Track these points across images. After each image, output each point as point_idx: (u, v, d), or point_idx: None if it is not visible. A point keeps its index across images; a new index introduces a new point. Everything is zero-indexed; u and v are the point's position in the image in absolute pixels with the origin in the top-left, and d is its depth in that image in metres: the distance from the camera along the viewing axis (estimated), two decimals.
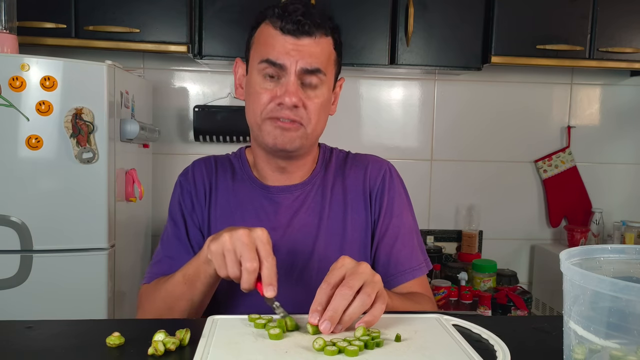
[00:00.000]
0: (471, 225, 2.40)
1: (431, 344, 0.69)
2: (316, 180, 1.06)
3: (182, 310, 0.90)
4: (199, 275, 0.86)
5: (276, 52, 0.93)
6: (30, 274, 1.57)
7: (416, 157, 2.43)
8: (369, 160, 1.09)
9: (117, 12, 1.91)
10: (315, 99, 0.96)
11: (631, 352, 0.53)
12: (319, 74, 0.95)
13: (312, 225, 1.02)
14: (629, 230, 2.34)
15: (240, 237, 0.77)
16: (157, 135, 2.06)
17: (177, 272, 0.91)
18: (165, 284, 0.93)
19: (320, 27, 0.95)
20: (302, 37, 0.93)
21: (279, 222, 1.02)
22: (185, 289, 0.89)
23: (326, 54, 0.97)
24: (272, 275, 0.76)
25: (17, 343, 0.71)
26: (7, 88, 1.52)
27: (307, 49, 0.93)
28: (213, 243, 0.79)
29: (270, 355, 0.64)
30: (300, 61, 0.93)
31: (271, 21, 0.95)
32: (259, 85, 0.96)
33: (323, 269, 0.98)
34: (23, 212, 1.57)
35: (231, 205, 1.04)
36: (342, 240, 1.02)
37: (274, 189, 1.04)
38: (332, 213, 1.03)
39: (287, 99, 0.93)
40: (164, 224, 1.10)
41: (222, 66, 2.28)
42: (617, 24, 2.08)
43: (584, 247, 0.63)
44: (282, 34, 0.93)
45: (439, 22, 2.05)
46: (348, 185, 1.06)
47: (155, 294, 0.95)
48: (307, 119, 0.96)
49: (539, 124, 2.47)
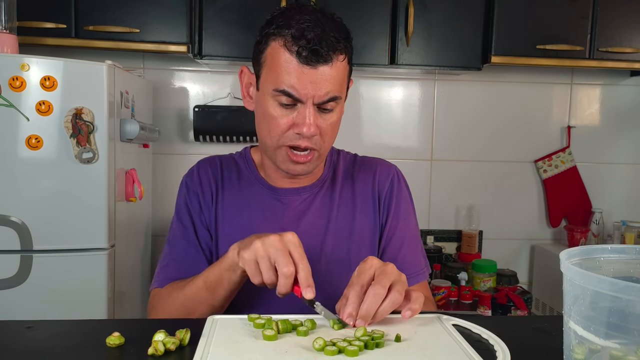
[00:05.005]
0: (471, 225, 2.40)
1: (431, 344, 0.69)
2: (324, 182, 1.07)
3: (203, 314, 0.90)
4: (222, 282, 0.86)
5: (292, 83, 0.89)
6: (30, 274, 1.57)
7: (416, 157, 2.43)
8: (378, 164, 1.11)
9: (117, 12, 1.91)
10: (330, 119, 0.95)
11: (631, 352, 0.53)
12: (336, 99, 0.93)
13: (320, 227, 1.03)
14: (629, 230, 2.34)
15: (272, 242, 0.77)
16: (157, 135, 2.06)
17: (197, 278, 0.90)
18: (185, 290, 0.92)
19: (337, 49, 0.90)
20: (319, 66, 0.89)
21: (286, 223, 1.02)
22: (207, 295, 0.89)
23: (342, 76, 0.94)
24: (309, 277, 0.76)
25: (17, 343, 0.71)
26: (7, 88, 1.52)
27: (325, 79, 0.90)
28: (245, 251, 0.78)
29: (270, 355, 0.64)
30: (317, 93, 0.90)
31: (285, 43, 0.89)
32: (273, 110, 0.93)
33: (331, 270, 1.00)
34: (23, 212, 1.57)
35: (237, 205, 1.03)
36: (350, 242, 1.03)
37: (282, 191, 1.04)
38: (341, 215, 1.04)
39: (306, 130, 0.91)
40: (164, 223, 1.10)
41: (222, 66, 2.28)
42: (617, 24, 2.08)
43: (584, 247, 0.63)
44: (297, 63, 0.88)
45: (439, 22, 2.05)
46: (357, 188, 1.07)
47: (171, 298, 0.95)
48: (321, 143, 0.96)
49: (539, 124, 2.47)
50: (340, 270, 1.00)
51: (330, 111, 0.94)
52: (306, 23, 0.88)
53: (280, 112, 0.93)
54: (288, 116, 0.93)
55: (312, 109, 0.91)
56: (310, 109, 0.91)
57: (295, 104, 0.92)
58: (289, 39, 0.89)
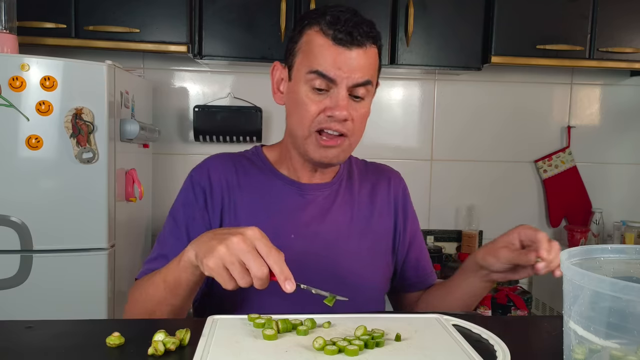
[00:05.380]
0: (471, 225, 2.40)
1: (431, 344, 0.69)
2: (342, 180, 1.08)
3: (164, 314, 0.88)
4: (180, 283, 0.83)
5: (327, 64, 0.91)
6: (30, 274, 1.57)
7: (416, 157, 2.43)
8: (389, 171, 1.15)
9: (117, 12, 1.91)
10: (361, 109, 0.96)
11: (631, 352, 0.53)
12: (368, 85, 0.95)
13: (343, 223, 1.04)
14: (629, 230, 2.34)
15: (237, 245, 0.72)
16: (157, 135, 2.06)
17: (157, 276, 0.88)
18: (146, 287, 0.90)
19: (369, 37, 0.93)
20: (353, 48, 0.91)
21: (310, 219, 1.02)
22: (166, 295, 0.86)
23: (373, 64, 0.96)
24: (284, 269, 0.73)
25: (17, 343, 0.71)
26: (7, 88, 1.52)
27: (358, 62, 0.92)
28: (209, 259, 0.73)
29: (270, 355, 0.64)
30: (352, 76, 0.92)
31: (321, 28, 0.92)
32: (306, 95, 0.94)
33: (353, 267, 1.02)
34: (23, 212, 1.57)
35: (256, 202, 1.02)
36: (368, 240, 1.05)
37: (305, 186, 1.04)
38: (361, 213, 1.06)
39: (338, 113, 0.92)
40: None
41: (222, 66, 2.28)
42: (617, 24, 2.08)
43: (584, 247, 0.63)
44: (333, 44, 0.91)
45: (439, 22, 2.05)
46: (373, 190, 1.10)
47: (136, 295, 0.93)
48: (352, 130, 0.96)
49: (539, 124, 2.47)
50: (359, 267, 1.02)
51: (361, 100, 0.96)
52: (341, 10, 0.93)
53: (313, 97, 0.94)
54: (320, 101, 0.94)
55: (344, 93, 0.93)
56: (343, 91, 0.92)
57: (328, 90, 0.93)
58: (324, 25, 0.92)
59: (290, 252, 0.96)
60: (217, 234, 0.76)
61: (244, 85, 2.30)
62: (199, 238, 0.79)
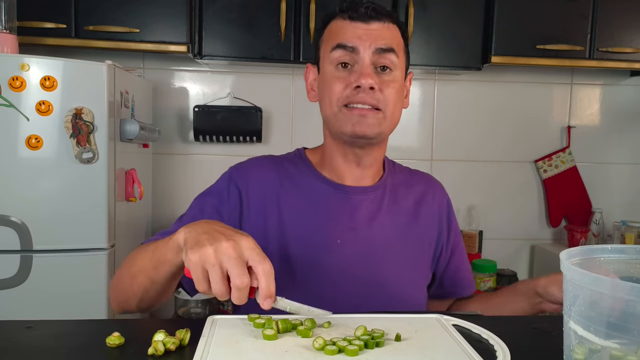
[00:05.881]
0: (471, 225, 2.40)
1: (431, 344, 0.69)
2: (386, 184, 1.06)
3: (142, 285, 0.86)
4: (164, 261, 0.80)
5: (348, 36, 0.94)
6: (30, 274, 1.57)
7: (416, 157, 2.43)
8: (435, 182, 1.15)
9: (117, 12, 1.91)
10: (391, 83, 0.95)
11: (631, 352, 0.53)
12: (393, 53, 0.94)
13: (389, 228, 1.02)
14: (629, 230, 2.33)
15: (226, 250, 0.68)
16: (157, 135, 2.06)
17: (151, 245, 0.86)
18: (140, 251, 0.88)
19: (388, 16, 0.96)
20: (371, 21, 0.94)
21: (357, 223, 1.00)
22: (149, 266, 0.83)
23: (397, 39, 0.97)
24: (270, 285, 0.69)
25: (17, 343, 0.71)
26: (7, 88, 1.52)
27: (378, 32, 0.94)
28: (193, 252, 0.70)
29: (270, 355, 0.64)
30: (373, 43, 0.93)
31: (339, 15, 0.97)
32: (332, 75, 0.95)
33: (401, 274, 1.00)
34: (23, 212, 1.56)
35: (301, 205, 1.00)
36: (414, 248, 1.04)
37: (349, 189, 1.02)
38: (405, 220, 1.05)
39: (364, 81, 0.91)
40: (164, 223, 1.09)
41: (222, 66, 2.28)
42: (617, 24, 2.08)
43: (584, 247, 0.63)
44: (351, 22, 0.95)
45: (439, 22, 2.05)
46: (419, 199, 1.08)
47: (131, 255, 0.92)
48: (385, 102, 0.94)
49: (539, 124, 2.47)
50: (401, 276, 1.01)
51: (389, 72, 0.95)
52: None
53: (338, 74, 0.95)
54: (346, 77, 0.94)
55: (368, 60, 0.93)
56: (367, 59, 0.93)
57: (353, 65, 0.94)
58: (341, 11, 0.97)
59: (336, 257, 0.97)
60: (211, 229, 0.73)
61: (244, 85, 2.31)
62: (195, 224, 0.76)
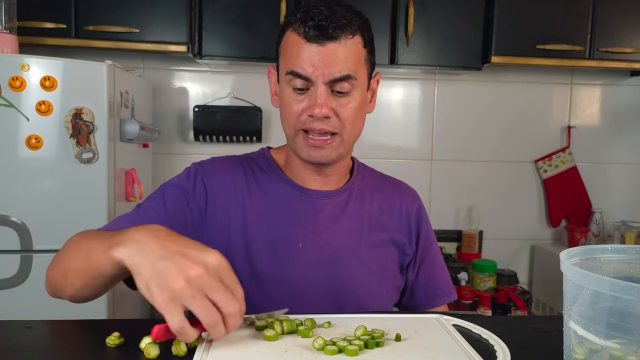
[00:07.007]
0: (471, 225, 2.40)
1: (431, 344, 0.69)
2: (353, 189, 1.04)
3: (73, 284, 0.79)
4: (100, 274, 0.73)
5: (301, 63, 0.88)
6: (30, 274, 1.57)
7: (416, 157, 2.43)
8: (405, 188, 1.12)
9: (117, 12, 1.91)
10: (348, 104, 0.92)
11: (631, 352, 0.53)
12: (349, 79, 0.90)
13: (354, 233, 1.01)
14: (629, 230, 2.34)
15: (200, 279, 0.61)
16: (157, 135, 2.06)
17: (89, 240, 0.78)
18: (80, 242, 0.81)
19: (346, 28, 0.88)
20: (326, 42, 0.87)
21: (320, 226, 0.99)
22: (83, 269, 0.76)
23: (355, 56, 0.91)
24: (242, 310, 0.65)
25: (17, 343, 0.71)
26: (7, 88, 1.52)
27: (333, 56, 0.88)
28: (160, 291, 0.61)
29: (270, 355, 0.64)
30: (327, 71, 0.88)
31: (294, 28, 0.90)
32: (289, 95, 0.92)
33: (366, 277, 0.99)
34: (23, 212, 1.56)
35: (266, 208, 0.98)
36: (382, 252, 1.03)
37: (313, 193, 1.00)
38: (372, 224, 1.03)
39: (317, 111, 0.89)
40: None
41: (222, 66, 2.28)
42: (617, 24, 2.08)
43: (584, 247, 0.63)
44: (305, 42, 0.88)
45: (439, 22, 2.05)
46: (386, 204, 1.06)
47: (71, 243, 0.84)
48: (342, 125, 0.92)
49: (539, 124, 2.47)
50: (367, 279, 0.99)
51: (346, 94, 0.91)
52: (314, 7, 0.89)
53: (295, 97, 0.92)
54: (301, 101, 0.91)
55: (323, 89, 0.89)
56: (321, 88, 0.89)
57: (308, 88, 0.91)
58: (296, 23, 0.90)
59: (298, 261, 0.96)
60: (168, 251, 0.64)
61: (244, 85, 2.31)
62: (141, 241, 0.66)
